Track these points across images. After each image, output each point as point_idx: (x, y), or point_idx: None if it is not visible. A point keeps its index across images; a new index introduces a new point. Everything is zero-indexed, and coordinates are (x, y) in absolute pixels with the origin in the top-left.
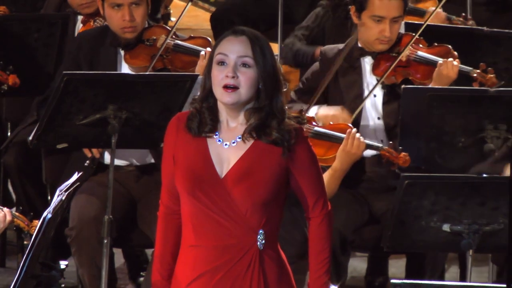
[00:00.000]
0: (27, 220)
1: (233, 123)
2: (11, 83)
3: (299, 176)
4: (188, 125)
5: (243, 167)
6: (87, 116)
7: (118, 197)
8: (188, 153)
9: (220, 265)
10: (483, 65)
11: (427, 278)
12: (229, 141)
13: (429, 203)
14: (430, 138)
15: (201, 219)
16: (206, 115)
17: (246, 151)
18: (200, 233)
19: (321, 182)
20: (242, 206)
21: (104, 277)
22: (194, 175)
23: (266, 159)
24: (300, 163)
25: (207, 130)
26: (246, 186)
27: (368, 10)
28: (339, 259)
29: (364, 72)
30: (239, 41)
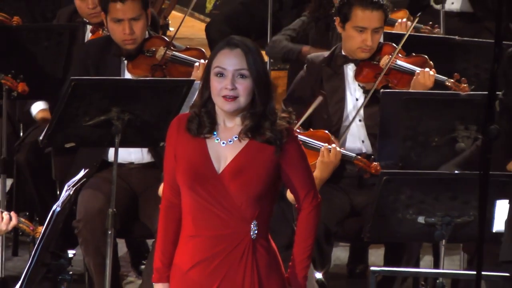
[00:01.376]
0: (32, 225)
1: (230, 124)
2: (20, 91)
3: (290, 171)
4: (188, 127)
5: (239, 164)
6: (92, 118)
7: (121, 192)
8: (188, 151)
9: (217, 253)
10: (457, 75)
11: (403, 266)
12: (226, 140)
13: (405, 197)
14: (406, 138)
15: (199, 211)
16: (205, 118)
17: (241, 149)
18: (198, 224)
19: (311, 176)
20: (238, 199)
21: (109, 265)
22: (194, 171)
23: (260, 157)
24: (291, 160)
25: (206, 131)
26: (242, 181)
27: (351, 21)
28: (323, 249)
29: (347, 78)
30: (234, 55)
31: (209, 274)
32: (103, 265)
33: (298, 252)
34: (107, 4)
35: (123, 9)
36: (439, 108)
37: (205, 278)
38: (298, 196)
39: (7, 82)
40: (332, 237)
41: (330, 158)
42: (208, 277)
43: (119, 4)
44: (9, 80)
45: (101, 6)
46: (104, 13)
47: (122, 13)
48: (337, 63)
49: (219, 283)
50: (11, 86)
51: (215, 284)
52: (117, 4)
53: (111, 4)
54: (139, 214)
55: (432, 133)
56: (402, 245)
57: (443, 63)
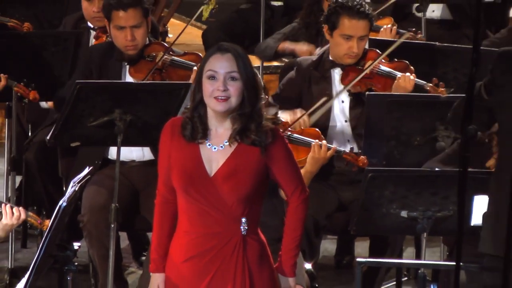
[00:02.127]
0: (40, 219)
1: (221, 129)
2: (31, 98)
3: (277, 170)
4: (183, 133)
5: (230, 167)
6: (96, 119)
7: (123, 188)
8: (182, 156)
9: (209, 249)
10: (436, 79)
11: (387, 257)
12: (217, 145)
13: (389, 193)
14: (390, 138)
15: (193, 211)
16: (197, 124)
17: (231, 153)
18: (192, 222)
19: (298, 172)
20: (229, 200)
21: (111, 256)
22: (188, 175)
23: (249, 159)
24: (277, 159)
25: (199, 137)
26: (233, 183)
27: (339, 29)
28: (312, 241)
29: (334, 81)
30: (226, 59)
31: (202, 267)
32: (106, 257)
33: (287, 242)
34: (110, 12)
35: (125, 17)
36: (420, 110)
37: (198, 271)
38: (286, 191)
39: (20, 90)
40: (321, 230)
41: (320, 154)
42: (201, 270)
43: (121, 13)
44: (21, 88)
45: (104, 14)
46: (107, 20)
47: (124, 21)
48: (324, 67)
49: (211, 276)
50: (23, 93)
51: (208, 277)
52: (120, 12)
53: (114, 12)
54: (140, 209)
55: (414, 133)
56: (386, 237)
57: (424, 67)
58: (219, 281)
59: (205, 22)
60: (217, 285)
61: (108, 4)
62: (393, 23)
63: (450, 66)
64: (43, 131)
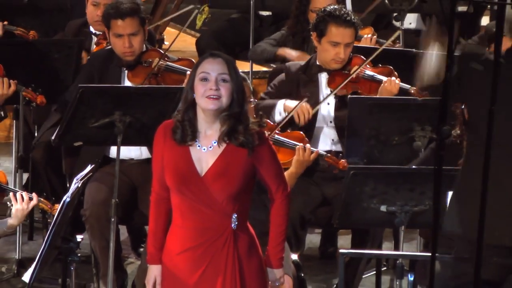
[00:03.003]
0: (50, 204)
1: (210, 131)
2: (39, 102)
3: (263, 170)
4: (174, 137)
5: (219, 167)
6: (98, 120)
7: (122, 185)
8: (174, 158)
9: (202, 243)
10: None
11: (368, 248)
12: (206, 146)
13: (369, 189)
14: (370, 137)
15: (186, 208)
16: (187, 127)
17: (220, 154)
18: (185, 218)
19: (281, 172)
20: (219, 197)
21: (112, 248)
22: (180, 175)
23: (237, 159)
24: (263, 160)
25: (188, 140)
26: (222, 182)
27: (327, 36)
28: (298, 234)
29: (321, 85)
30: (217, 62)
31: (196, 259)
32: (107, 248)
33: (273, 238)
34: (109, 21)
35: (123, 26)
36: (398, 112)
37: (192, 263)
38: (271, 189)
39: (28, 94)
40: (306, 223)
41: (304, 157)
42: (195, 262)
43: (119, 21)
44: (29, 92)
45: (104, 23)
46: (107, 28)
47: (122, 29)
48: (312, 71)
49: (205, 268)
50: (31, 98)
51: (201, 268)
52: (118, 21)
53: (112, 21)
54: (138, 204)
55: (392, 133)
56: (367, 230)
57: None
58: (211, 272)
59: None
60: (210, 275)
61: (108, 13)
62: (373, 32)
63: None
64: (48, 131)
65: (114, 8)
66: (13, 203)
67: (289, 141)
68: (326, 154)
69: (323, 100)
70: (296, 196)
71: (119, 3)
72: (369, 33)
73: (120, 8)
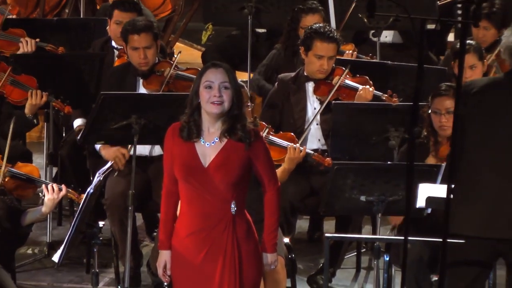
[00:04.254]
0: (77, 194)
1: (212, 129)
2: (66, 112)
3: (258, 163)
4: (181, 135)
5: (220, 159)
6: (117, 123)
7: (138, 178)
8: (182, 152)
9: (205, 227)
10: (390, 91)
11: (349, 233)
12: (209, 142)
13: (351, 182)
14: (352, 137)
15: (192, 195)
16: (192, 127)
17: (221, 148)
18: (191, 205)
19: (273, 167)
20: (220, 186)
21: (129, 232)
22: (186, 167)
23: (235, 153)
24: (258, 154)
25: (194, 137)
26: (223, 171)
27: (313, 50)
28: (289, 220)
29: (308, 92)
30: (219, 72)
31: (200, 242)
32: (125, 233)
33: (267, 226)
34: (127, 36)
35: (139, 40)
36: (375, 115)
37: (197, 245)
38: (264, 182)
39: (57, 105)
40: (296, 211)
41: (295, 155)
42: (199, 244)
43: (136, 36)
44: (58, 103)
45: (122, 37)
46: (125, 42)
47: (138, 43)
48: (300, 81)
49: (208, 249)
50: (59, 108)
51: (204, 249)
52: (135, 36)
53: (130, 36)
54: (152, 194)
55: (370, 134)
56: (349, 217)
57: (379, 81)
58: (213, 252)
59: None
60: (212, 256)
61: (126, 29)
62: (354, 48)
63: (399, 80)
64: (74, 133)
65: (131, 25)
66: (45, 194)
67: (281, 141)
68: (313, 153)
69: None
70: (288, 187)
71: (136, 20)
72: (351, 49)
73: (136, 25)
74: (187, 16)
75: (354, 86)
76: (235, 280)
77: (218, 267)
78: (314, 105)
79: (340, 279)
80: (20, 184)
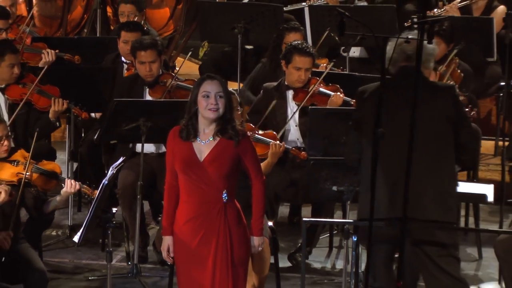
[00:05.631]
0: (91, 190)
1: (207, 130)
2: (83, 117)
3: (246, 159)
4: (180, 135)
5: (213, 154)
6: (127, 125)
7: (145, 171)
8: (181, 150)
9: (201, 213)
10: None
11: (323, 217)
12: (205, 140)
13: (324, 174)
14: (325, 137)
15: (190, 186)
16: (190, 129)
17: (215, 145)
18: (189, 194)
19: (259, 162)
20: (214, 177)
21: (138, 217)
22: (185, 162)
23: (226, 149)
24: (245, 151)
25: (191, 137)
26: (216, 165)
27: (292, 63)
28: (273, 206)
29: (288, 99)
30: (214, 83)
31: (196, 227)
32: (134, 217)
33: (255, 213)
34: (135, 52)
35: (145, 55)
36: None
37: (194, 230)
38: (251, 175)
39: (76, 111)
40: (279, 199)
41: (277, 150)
42: (196, 229)
43: (142, 52)
44: (77, 110)
45: (131, 53)
46: (133, 57)
47: (144, 58)
48: (282, 89)
49: (203, 233)
50: (78, 113)
51: (200, 233)
52: (142, 52)
53: (137, 52)
54: (157, 185)
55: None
56: (323, 204)
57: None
58: (208, 236)
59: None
60: (207, 239)
61: (134, 46)
62: (328, 62)
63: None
64: (91, 133)
65: (139, 43)
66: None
67: (265, 139)
68: (291, 148)
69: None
70: (271, 179)
71: (143, 39)
72: (325, 63)
73: (143, 43)
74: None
75: (327, 93)
76: (227, 258)
77: (212, 248)
78: (293, 110)
79: (315, 256)
80: (43, 178)
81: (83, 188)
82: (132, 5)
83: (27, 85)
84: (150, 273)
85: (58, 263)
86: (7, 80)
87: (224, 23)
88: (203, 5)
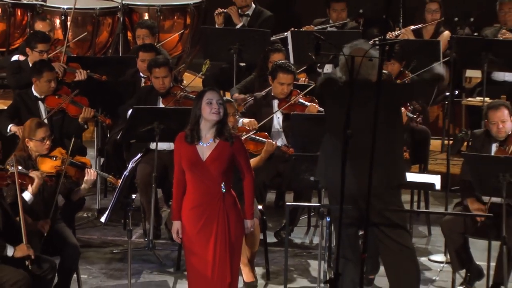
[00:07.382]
0: (115, 179)
1: (208, 135)
2: (107, 123)
3: (239, 157)
4: (186, 140)
5: (214, 154)
6: (144, 127)
7: (159, 165)
8: (187, 152)
9: (204, 202)
10: None
11: (302, 202)
12: (206, 142)
13: (304, 167)
14: (305, 137)
15: (195, 181)
16: (194, 134)
17: (215, 147)
18: (194, 187)
19: (249, 160)
20: (214, 173)
21: (153, 202)
22: (191, 162)
23: (224, 149)
24: (238, 151)
25: (195, 141)
26: (216, 164)
27: (277, 79)
28: (262, 193)
29: (274, 107)
30: (215, 93)
31: (199, 214)
32: (150, 202)
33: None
34: (151, 69)
35: (159, 72)
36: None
37: (197, 216)
38: (243, 171)
39: (101, 118)
40: (267, 187)
41: (269, 148)
42: (199, 215)
43: (157, 69)
44: (102, 117)
45: (148, 70)
46: (149, 73)
47: (158, 74)
48: (269, 99)
49: (205, 218)
50: (103, 120)
51: (202, 219)
52: (156, 69)
53: (153, 69)
54: (168, 176)
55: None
56: (303, 191)
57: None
58: (209, 221)
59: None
60: (208, 223)
61: (150, 64)
62: (306, 77)
63: None
64: (115, 133)
65: (154, 61)
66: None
67: (261, 138)
68: (281, 145)
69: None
70: (261, 171)
71: (157, 58)
72: (304, 77)
73: (158, 61)
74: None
75: (305, 103)
76: (225, 238)
77: (213, 229)
78: (277, 115)
79: (296, 234)
80: (77, 171)
81: (108, 178)
82: (146, 29)
83: (62, 96)
84: (163, 247)
85: (88, 239)
86: (45, 92)
87: (223, 45)
88: (206, 30)
